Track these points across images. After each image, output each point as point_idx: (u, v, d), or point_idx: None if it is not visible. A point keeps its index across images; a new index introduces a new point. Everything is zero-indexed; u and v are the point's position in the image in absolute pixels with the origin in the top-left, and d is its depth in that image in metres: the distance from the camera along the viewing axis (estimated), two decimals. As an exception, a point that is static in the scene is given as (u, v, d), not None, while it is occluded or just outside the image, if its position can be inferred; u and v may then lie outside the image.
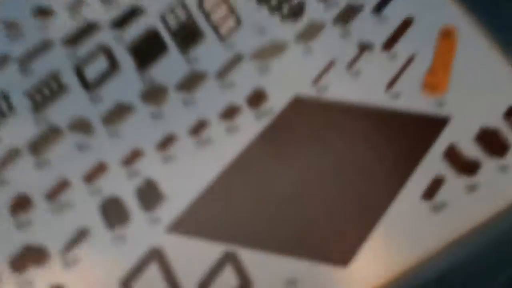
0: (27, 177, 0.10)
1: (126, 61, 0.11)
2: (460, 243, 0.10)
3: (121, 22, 0.12)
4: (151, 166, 0.10)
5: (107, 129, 0.10)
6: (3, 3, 0.12)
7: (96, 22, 0.12)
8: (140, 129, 0.10)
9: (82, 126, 0.10)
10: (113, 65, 0.11)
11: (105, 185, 0.10)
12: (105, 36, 0.12)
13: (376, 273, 0.10)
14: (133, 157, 0.10)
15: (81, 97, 0.11)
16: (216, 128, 0.11)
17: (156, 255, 0.09)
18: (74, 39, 0.12)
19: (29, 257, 0.09)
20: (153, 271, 0.09)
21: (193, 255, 0.10)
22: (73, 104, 0.11)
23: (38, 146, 0.10)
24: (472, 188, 0.11)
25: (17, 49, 0.11)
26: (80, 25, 0.12)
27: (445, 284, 0.09)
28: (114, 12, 0.12)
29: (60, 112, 0.10)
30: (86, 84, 0.11)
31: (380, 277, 0.10)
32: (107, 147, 0.10)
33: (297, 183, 0.10)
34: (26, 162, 0.10)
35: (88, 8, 0.12)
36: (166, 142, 0.10)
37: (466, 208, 0.11)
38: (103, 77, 0.11)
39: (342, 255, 0.10)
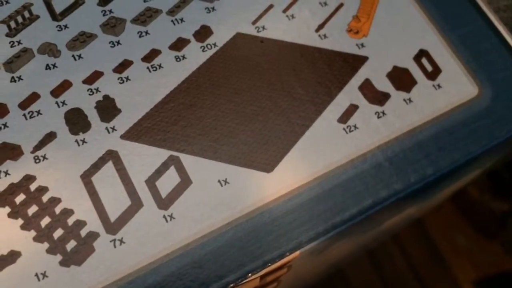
0: (3, 89, 0.11)
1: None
2: (364, 157, 0.13)
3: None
4: (109, 85, 0.12)
5: (72, 53, 0.12)
6: None
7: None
8: (101, 54, 0.12)
9: (50, 49, 0.12)
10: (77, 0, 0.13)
11: (69, 99, 0.12)
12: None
13: (293, 178, 0.12)
14: (93, 77, 0.12)
15: (50, 25, 0.12)
16: (166, 57, 0.12)
17: (111, 156, 0.11)
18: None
19: (6, 152, 0.11)
20: (109, 169, 0.11)
21: (143, 158, 0.12)
22: (43, 31, 0.12)
23: (13, 64, 0.12)
24: (379, 115, 0.13)
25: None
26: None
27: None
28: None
29: (32, 37, 0.12)
30: (54, 15, 0.13)
31: (296, 182, 0.12)
32: (72, 68, 0.12)
33: (234, 103, 0.12)
34: (2, 77, 0.12)
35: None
36: (123, 66, 0.12)
37: (373, 131, 0.13)
38: (69, 9, 0.13)
39: (267, 163, 0.12)
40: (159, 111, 0.12)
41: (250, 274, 0.10)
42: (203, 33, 0.13)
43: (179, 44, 0.12)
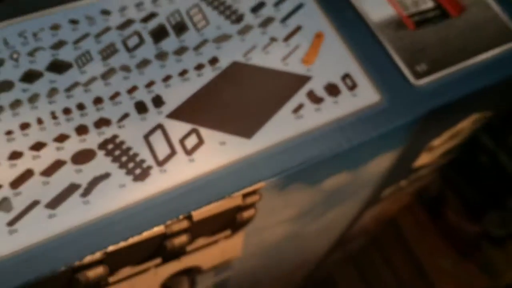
0: None
1: None
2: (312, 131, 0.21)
3: None
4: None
5: None
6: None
7: None
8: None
9: None
10: None
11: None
12: None
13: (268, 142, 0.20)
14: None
15: None
16: (190, 73, 0.21)
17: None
18: None
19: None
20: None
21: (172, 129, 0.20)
22: None
23: None
24: (317, 110, 0.21)
25: None
26: None
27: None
28: None
29: None
30: None
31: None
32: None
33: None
34: None
35: None
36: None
37: (313, 119, 0.21)
38: None
39: (247, 131, 0.20)
40: (189, 101, 0.20)
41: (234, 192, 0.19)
42: (213, 61, 0.21)
43: (199, 67, 0.21)
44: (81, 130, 0.19)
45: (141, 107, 0.20)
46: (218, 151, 0.20)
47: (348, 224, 0.32)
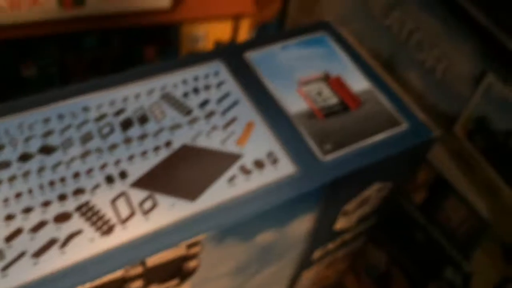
0: None
1: None
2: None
3: None
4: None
5: None
6: None
7: None
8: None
9: None
10: None
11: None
12: None
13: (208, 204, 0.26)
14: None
15: None
16: (150, 153, 0.28)
17: (124, 193, 0.26)
18: None
19: None
20: (122, 198, 0.25)
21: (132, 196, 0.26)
22: None
23: None
24: (247, 180, 0.28)
25: None
26: None
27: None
28: None
29: None
30: None
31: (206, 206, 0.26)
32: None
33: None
34: None
35: None
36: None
37: (244, 186, 0.27)
38: None
39: (192, 195, 0.26)
40: (148, 174, 0.26)
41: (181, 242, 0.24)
42: (168, 144, 0.28)
43: (156, 148, 0.28)
44: (62, 197, 0.25)
45: (110, 179, 0.26)
46: (168, 211, 0.25)
47: (288, 285, 0.37)
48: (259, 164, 0.28)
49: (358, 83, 0.34)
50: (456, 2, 0.38)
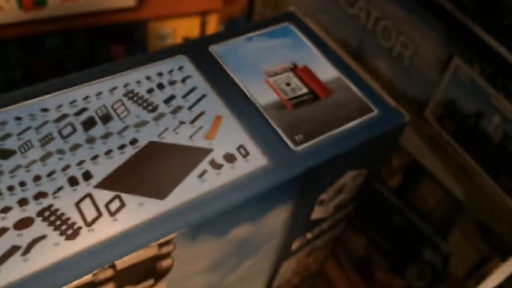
0: None
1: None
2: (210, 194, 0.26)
3: None
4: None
5: None
6: None
7: None
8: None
9: None
10: None
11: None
12: None
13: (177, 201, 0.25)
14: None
15: None
16: (114, 152, 0.26)
17: (89, 194, 0.25)
18: None
19: None
20: (87, 200, 0.24)
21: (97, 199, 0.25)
22: None
23: None
24: (218, 174, 0.27)
25: None
26: None
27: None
28: None
29: None
30: None
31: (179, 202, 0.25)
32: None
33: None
34: None
35: None
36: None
37: (215, 181, 0.27)
38: None
39: (161, 193, 0.25)
40: (113, 174, 0.25)
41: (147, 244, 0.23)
42: (134, 141, 0.27)
43: (122, 146, 0.26)
44: (23, 202, 0.24)
45: (73, 181, 0.25)
46: (137, 211, 0.24)
47: (269, 276, 0.36)
48: (229, 158, 0.27)
49: (326, 72, 0.33)
50: (419, -12, 0.38)
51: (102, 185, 0.25)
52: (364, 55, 0.47)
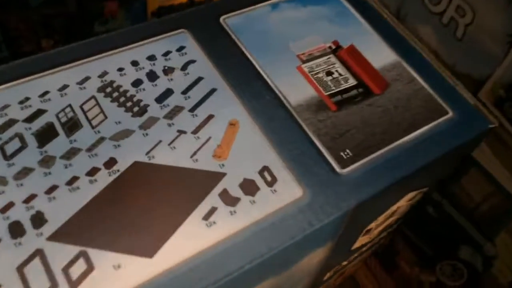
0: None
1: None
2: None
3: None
4: (41, 203, 0.17)
5: (16, 182, 0.18)
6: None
7: None
8: (37, 181, 0.18)
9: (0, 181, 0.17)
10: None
11: (12, 215, 0.17)
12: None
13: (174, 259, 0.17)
14: (30, 198, 0.17)
15: (1, 163, 0.18)
16: (83, 181, 0.18)
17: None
18: None
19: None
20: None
21: (61, 253, 0.17)
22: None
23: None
24: (232, 213, 0.19)
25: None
26: None
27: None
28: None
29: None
30: (5, 156, 0.18)
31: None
32: (16, 192, 0.17)
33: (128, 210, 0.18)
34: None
35: None
36: (52, 189, 0.18)
37: (228, 224, 0.18)
38: (17, 151, 0.18)
39: (148, 248, 0.17)
40: (78, 217, 0.17)
41: None
42: (110, 162, 0.19)
43: (92, 171, 0.18)
44: None
45: (16, 229, 0.17)
46: (111, 277, 0.16)
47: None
48: (249, 187, 0.19)
49: (381, 54, 0.24)
50: None
51: (60, 235, 0.17)
52: (404, 20, 0.37)
